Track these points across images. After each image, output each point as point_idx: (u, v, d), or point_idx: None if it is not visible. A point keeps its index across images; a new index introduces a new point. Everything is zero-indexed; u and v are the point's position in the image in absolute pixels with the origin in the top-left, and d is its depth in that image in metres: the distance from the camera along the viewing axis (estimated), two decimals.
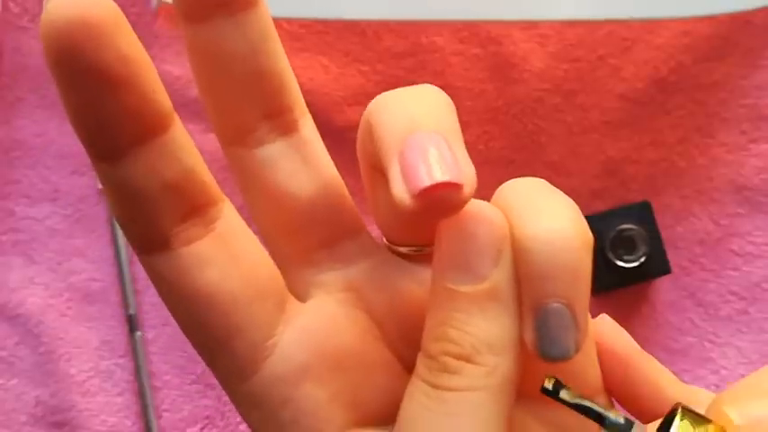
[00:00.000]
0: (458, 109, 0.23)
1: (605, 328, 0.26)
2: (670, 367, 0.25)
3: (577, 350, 0.22)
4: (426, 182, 0.21)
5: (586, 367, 0.25)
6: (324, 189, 0.25)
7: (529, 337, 0.22)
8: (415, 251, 0.25)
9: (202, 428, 0.50)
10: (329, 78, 0.50)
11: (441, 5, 0.44)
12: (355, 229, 0.26)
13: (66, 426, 0.49)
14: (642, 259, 0.48)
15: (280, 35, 0.24)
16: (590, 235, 0.22)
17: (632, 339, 0.26)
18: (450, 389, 0.22)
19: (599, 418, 0.22)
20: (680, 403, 0.22)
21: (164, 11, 0.50)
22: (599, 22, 0.50)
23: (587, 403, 0.23)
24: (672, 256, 0.50)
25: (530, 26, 0.51)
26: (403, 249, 0.25)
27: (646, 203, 0.50)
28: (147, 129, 0.22)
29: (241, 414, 0.25)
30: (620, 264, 0.48)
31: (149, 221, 0.22)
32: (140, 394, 0.49)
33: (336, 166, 0.26)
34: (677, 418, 0.22)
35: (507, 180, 0.24)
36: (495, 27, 0.51)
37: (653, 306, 0.51)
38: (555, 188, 0.23)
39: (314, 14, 0.45)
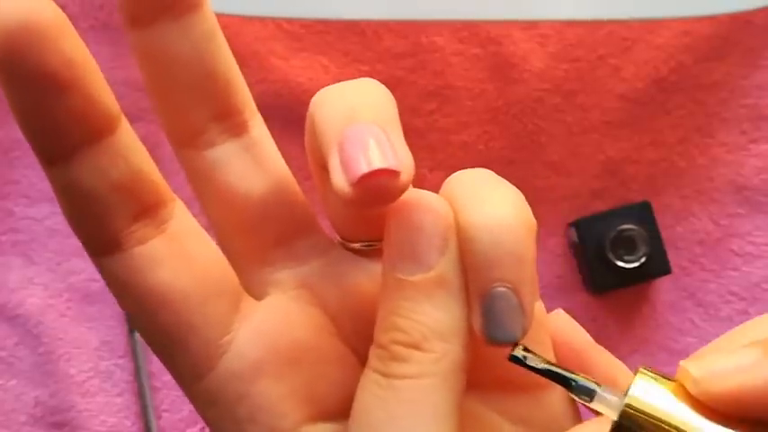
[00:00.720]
0: (458, 109, 0.24)
1: (560, 323, 0.27)
2: (670, 368, 0.25)
3: (524, 333, 0.23)
4: (364, 168, 0.21)
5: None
6: (276, 188, 0.25)
7: (476, 322, 0.23)
8: (366, 246, 0.25)
9: (202, 428, 0.50)
10: (329, 78, 0.50)
11: (441, 5, 0.44)
12: (308, 228, 0.26)
13: (65, 426, 0.49)
14: (642, 259, 0.48)
15: (280, 35, 0.25)
16: (533, 221, 0.23)
17: (586, 333, 0.27)
18: (400, 377, 0.22)
19: (567, 382, 0.23)
20: (642, 365, 0.23)
21: None
22: (599, 22, 0.50)
23: (555, 368, 0.23)
24: (672, 257, 0.50)
25: (530, 26, 0.51)
26: (355, 245, 0.25)
27: (646, 203, 0.50)
28: (94, 131, 0.22)
29: (198, 411, 0.25)
30: (621, 264, 0.48)
31: (100, 223, 0.23)
32: (140, 394, 0.49)
33: None
34: (638, 376, 0.22)
35: (507, 180, 0.24)
36: (495, 27, 0.51)
37: (653, 306, 0.51)
38: (500, 178, 0.24)
39: (314, 14, 0.45)
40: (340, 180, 0.21)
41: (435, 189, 0.23)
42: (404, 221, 0.23)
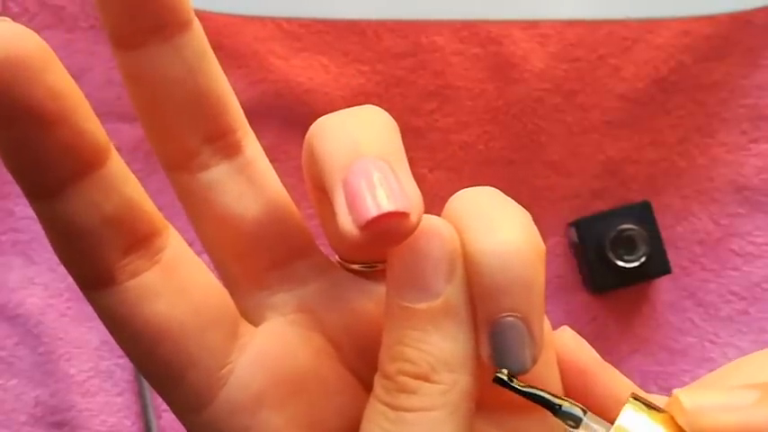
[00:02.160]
0: (458, 109, 0.23)
1: (566, 340, 0.26)
2: (670, 368, 0.25)
3: (534, 363, 0.22)
4: (373, 212, 0.20)
5: (547, 378, 0.24)
6: (272, 210, 0.24)
7: (485, 351, 0.22)
8: (367, 268, 0.25)
9: None
10: (329, 78, 0.50)
11: (441, 5, 0.44)
12: (306, 249, 0.25)
13: (65, 426, 0.49)
14: (642, 259, 0.48)
15: (280, 35, 0.24)
16: (542, 245, 0.22)
17: (593, 350, 0.26)
18: (409, 409, 0.22)
19: (552, 407, 0.22)
20: (633, 393, 0.22)
21: None
22: (599, 21, 0.50)
23: (540, 392, 0.22)
24: (672, 256, 0.50)
25: (530, 26, 0.51)
26: (355, 267, 0.25)
27: (646, 203, 0.50)
28: (83, 165, 0.21)
29: None
30: (621, 264, 0.48)
31: (92, 257, 0.22)
32: (140, 394, 0.49)
33: None
34: (627, 405, 0.22)
35: (507, 180, 0.24)
36: (496, 27, 0.51)
37: (653, 306, 0.51)
38: (506, 197, 0.23)
39: (314, 14, 0.45)
40: (347, 222, 0.20)
41: (435, 189, 0.23)
42: (409, 247, 0.22)
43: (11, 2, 0.50)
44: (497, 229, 0.22)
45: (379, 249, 0.22)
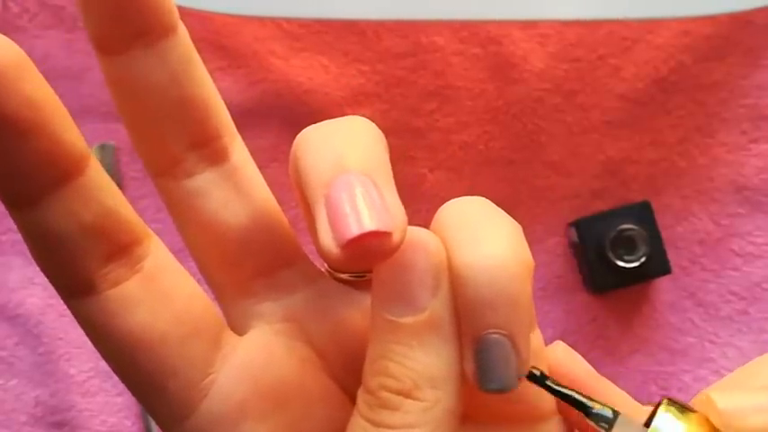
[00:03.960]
0: (458, 109, 0.23)
1: (559, 354, 0.25)
2: (670, 368, 0.25)
3: (519, 381, 0.22)
4: (354, 231, 0.20)
5: (539, 391, 0.24)
6: (259, 217, 0.24)
7: (469, 368, 0.21)
8: (356, 277, 0.24)
9: None
10: (329, 78, 0.50)
11: (441, 5, 0.44)
12: (294, 257, 0.25)
13: (65, 426, 0.49)
14: (642, 259, 0.48)
15: (280, 35, 0.24)
16: (530, 259, 0.21)
17: (586, 363, 0.26)
18: (391, 426, 0.21)
19: (584, 408, 0.22)
20: (666, 396, 0.22)
21: None
22: (599, 21, 0.50)
23: (573, 393, 0.22)
24: (672, 257, 0.50)
25: (530, 26, 0.51)
26: (344, 276, 0.24)
27: (646, 203, 0.50)
28: (61, 173, 0.21)
29: None
30: (621, 264, 0.48)
31: (72, 266, 0.22)
32: None
33: None
34: (661, 408, 0.22)
35: (507, 180, 0.24)
36: (495, 27, 0.51)
37: (653, 306, 0.51)
38: (496, 208, 0.22)
39: (314, 14, 0.45)
40: (327, 240, 0.20)
41: (435, 189, 0.23)
42: (394, 259, 0.21)
43: (11, 2, 0.50)
44: (483, 241, 0.21)
45: (360, 266, 0.22)
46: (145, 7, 0.21)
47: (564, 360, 0.25)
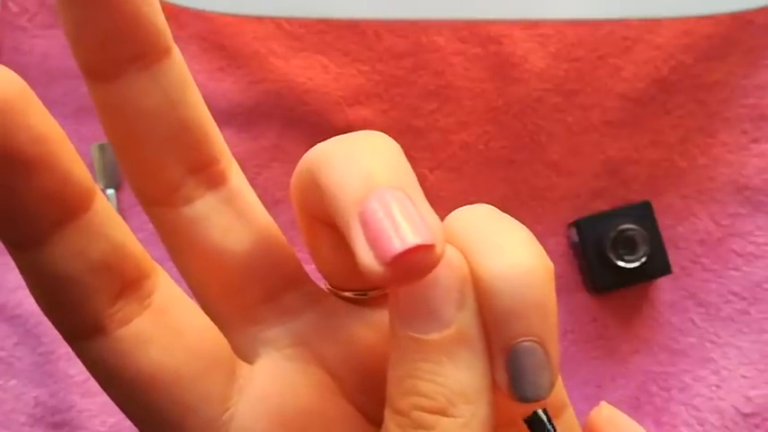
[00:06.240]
0: (458, 109, 0.23)
1: (615, 418, 0.25)
2: (671, 368, 0.25)
3: (552, 388, 0.21)
4: (398, 247, 0.19)
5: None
6: (261, 241, 0.23)
7: (501, 379, 0.21)
8: (360, 295, 0.24)
9: None
10: (329, 78, 0.50)
11: (441, 5, 0.44)
12: (298, 279, 0.24)
13: (65, 426, 0.49)
14: (643, 259, 0.48)
15: (280, 35, 0.23)
16: (550, 263, 0.21)
17: (635, 423, 0.25)
18: None
19: None
20: None
21: (166, 10, 0.50)
22: (599, 21, 0.50)
23: None
24: (672, 257, 0.50)
25: (530, 26, 0.51)
26: (347, 294, 0.24)
27: (646, 203, 0.50)
28: (68, 211, 0.20)
29: None
30: (621, 264, 0.48)
31: (80, 307, 0.20)
32: None
33: None
34: None
35: (507, 180, 0.24)
36: (496, 27, 0.51)
37: (654, 306, 0.51)
38: (503, 214, 0.22)
39: (314, 14, 0.45)
40: (368, 258, 0.19)
41: (436, 189, 0.23)
42: None
43: (11, 2, 0.50)
44: (505, 250, 0.21)
45: (404, 282, 0.21)
46: (140, 29, 0.20)
47: (620, 424, 0.25)
